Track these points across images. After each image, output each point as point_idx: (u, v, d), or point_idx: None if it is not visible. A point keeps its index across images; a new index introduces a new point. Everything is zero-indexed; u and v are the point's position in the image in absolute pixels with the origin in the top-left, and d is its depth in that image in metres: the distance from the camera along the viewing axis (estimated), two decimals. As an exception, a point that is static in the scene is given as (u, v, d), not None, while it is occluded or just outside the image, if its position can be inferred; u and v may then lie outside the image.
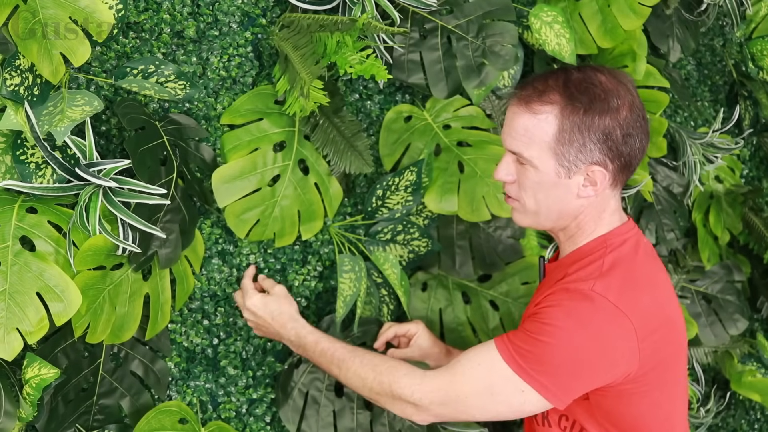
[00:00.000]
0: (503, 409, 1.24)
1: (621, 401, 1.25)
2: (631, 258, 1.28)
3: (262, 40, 1.45)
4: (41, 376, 1.15)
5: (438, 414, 1.27)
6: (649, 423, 1.27)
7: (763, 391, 2.01)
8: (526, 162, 1.25)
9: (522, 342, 1.21)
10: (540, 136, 1.22)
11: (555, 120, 1.22)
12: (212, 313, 1.43)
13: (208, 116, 1.41)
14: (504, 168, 1.30)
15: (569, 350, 1.18)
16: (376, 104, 1.59)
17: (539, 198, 1.27)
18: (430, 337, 1.53)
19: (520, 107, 1.25)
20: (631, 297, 1.22)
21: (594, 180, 1.24)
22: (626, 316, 1.19)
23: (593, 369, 1.20)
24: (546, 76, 1.26)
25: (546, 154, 1.23)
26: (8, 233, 1.12)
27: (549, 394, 1.19)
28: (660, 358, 1.24)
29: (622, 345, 1.20)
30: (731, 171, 2.11)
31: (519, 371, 1.19)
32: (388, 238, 1.56)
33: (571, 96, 1.22)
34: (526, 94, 1.25)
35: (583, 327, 1.19)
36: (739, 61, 2.13)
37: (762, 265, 2.12)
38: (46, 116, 1.17)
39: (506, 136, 1.28)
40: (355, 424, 1.46)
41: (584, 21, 1.68)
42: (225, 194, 1.38)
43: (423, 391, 1.26)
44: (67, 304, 1.12)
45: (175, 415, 1.33)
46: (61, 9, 1.16)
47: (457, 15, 1.55)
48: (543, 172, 1.24)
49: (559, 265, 1.33)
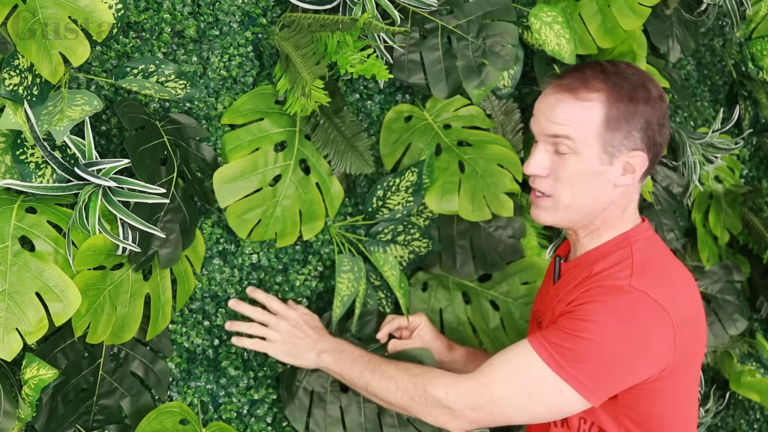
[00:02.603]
0: (541, 410, 1.21)
1: (649, 399, 1.23)
2: (659, 254, 1.29)
3: (262, 39, 1.45)
4: (40, 376, 1.15)
5: (473, 419, 1.23)
6: (672, 422, 1.26)
7: (762, 391, 2.02)
8: (568, 150, 1.23)
9: (561, 340, 1.18)
10: (588, 123, 1.23)
11: (602, 107, 1.23)
12: (213, 314, 1.43)
13: (208, 116, 1.41)
14: (538, 161, 1.26)
15: (611, 346, 1.16)
16: (376, 104, 1.59)
17: (577, 190, 1.25)
18: (432, 330, 1.53)
19: (564, 95, 1.24)
20: (668, 292, 1.21)
21: (633, 167, 1.25)
22: (665, 310, 1.18)
23: (633, 365, 1.18)
24: (580, 67, 1.28)
25: (593, 140, 1.23)
26: (8, 233, 1.12)
27: (588, 393, 1.17)
28: (689, 355, 1.24)
29: (662, 340, 1.18)
30: (731, 171, 2.11)
31: (558, 370, 1.17)
32: (388, 239, 1.56)
33: (615, 84, 1.23)
34: (567, 82, 1.25)
35: (624, 322, 1.17)
36: (739, 61, 2.14)
37: (761, 265, 2.13)
38: (45, 116, 1.16)
39: (547, 123, 1.25)
40: (363, 418, 1.45)
41: (584, 21, 1.68)
42: (226, 194, 1.38)
43: (458, 392, 1.23)
44: (66, 304, 1.11)
45: (176, 415, 1.33)
46: (60, 9, 1.15)
47: (457, 15, 1.55)
48: (586, 158, 1.23)
49: (579, 263, 1.31)
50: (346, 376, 1.36)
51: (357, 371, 1.34)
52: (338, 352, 1.38)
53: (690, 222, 1.98)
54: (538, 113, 1.29)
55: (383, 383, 1.30)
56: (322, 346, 1.39)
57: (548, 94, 1.28)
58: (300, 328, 1.41)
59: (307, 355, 1.39)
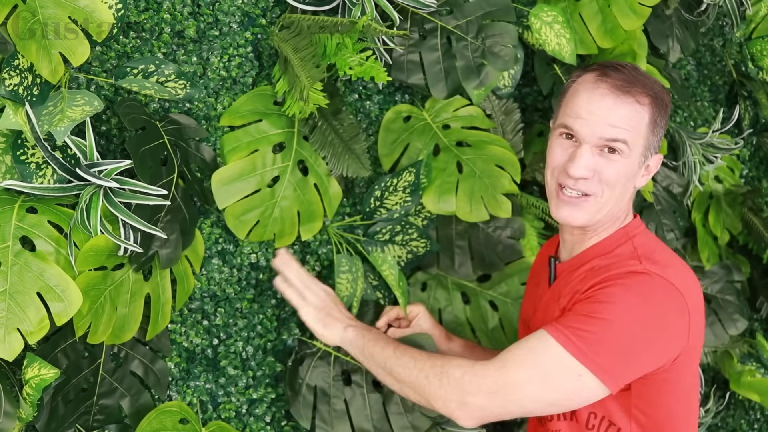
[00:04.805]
0: (557, 396, 1.18)
1: (659, 391, 1.23)
2: (658, 245, 1.30)
3: (262, 40, 1.45)
4: (41, 376, 1.15)
5: (485, 406, 1.19)
6: (677, 416, 1.27)
7: (762, 391, 2.01)
8: (621, 151, 1.22)
9: (579, 323, 1.16)
10: (641, 125, 1.24)
11: (650, 109, 1.24)
12: (212, 314, 1.43)
13: (208, 116, 1.41)
14: (587, 164, 1.23)
15: (630, 327, 1.15)
16: (375, 104, 1.59)
17: (615, 191, 1.25)
18: (430, 319, 1.54)
19: (622, 96, 1.22)
20: (679, 276, 1.22)
21: (651, 169, 1.29)
22: (681, 293, 1.19)
23: (651, 348, 1.17)
24: (617, 66, 1.26)
25: (641, 143, 1.25)
26: (8, 233, 1.12)
27: (606, 377, 1.15)
28: (697, 341, 1.24)
29: (678, 322, 1.18)
30: (731, 171, 2.11)
31: (577, 353, 1.15)
32: (386, 239, 1.56)
33: (654, 86, 1.26)
34: (619, 83, 1.22)
35: (644, 302, 1.16)
36: (739, 61, 2.13)
37: (761, 265, 2.12)
38: (46, 116, 1.16)
39: (605, 127, 1.22)
40: (368, 409, 1.45)
41: (584, 21, 1.68)
42: (225, 196, 1.38)
43: (474, 373, 1.20)
44: (67, 304, 1.12)
45: (176, 415, 1.33)
46: (60, 9, 1.16)
47: (456, 15, 1.55)
48: (631, 161, 1.24)
49: (579, 261, 1.31)
50: (367, 351, 1.34)
51: (379, 346, 1.33)
52: (365, 329, 1.39)
53: (690, 222, 1.98)
54: (590, 115, 1.23)
55: (402, 359, 1.29)
56: (351, 322, 1.40)
57: (603, 95, 1.22)
58: (337, 305, 1.43)
59: (335, 325, 1.39)
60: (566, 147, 1.27)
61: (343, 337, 1.38)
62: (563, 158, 1.26)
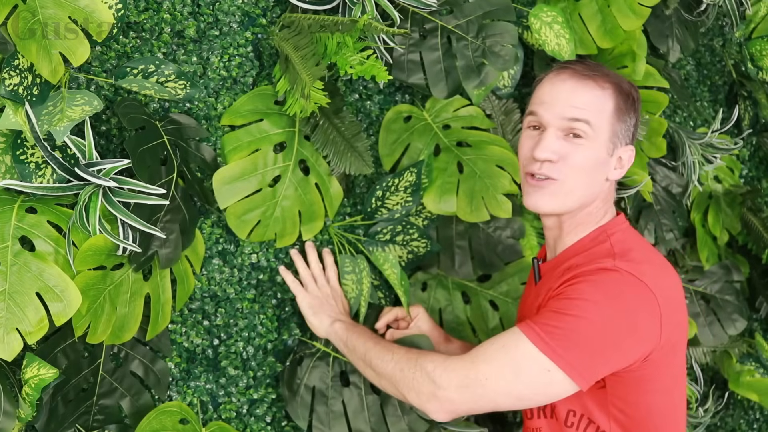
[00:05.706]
0: (527, 392, 1.20)
1: (636, 388, 1.23)
2: (638, 242, 1.30)
3: (262, 40, 1.45)
4: (40, 376, 1.15)
5: (456, 400, 1.21)
6: (660, 411, 1.26)
7: (761, 390, 2.02)
8: (584, 134, 1.25)
9: (548, 320, 1.18)
10: (604, 109, 1.26)
11: (613, 96, 1.27)
12: (212, 314, 1.43)
13: (208, 116, 1.41)
14: (551, 146, 1.25)
15: (598, 324, 1.16)
16: (375, 104, 1.59)
17: (582, 177, 1.26)
18: (429, 320, 1.54)
19: (584, 80, 1.26)
20: (653, 275, 1.21)
21: (623, 162, 1.30)
22: (652, 291, 1.19)
23: (620, 344, 1.18)
24: (578, 60, 1.33)
25: (605, 127, 1.26)
26: (8, 233, 1.12)
27: (575, 373, 1.16)
28: (674, 341, 1.24)
29: (648, 320, 1.19)
30: (730, 171, 2.12)
31: (545, 348, 1.16)
32: (387, 239, 1.56)
33: (616, 78, 1.29)
34: (581, 70, 1.27)
35: (612, 300, 1.17)
36: (739, 61, 2.14)
37: (760, 265, 2.13)
38: (45, 116, 1.16)
39: (566, 107, 1.25)
40: (365, 410, 1.45)
41: (584, 21, 1.68)
42: (226, 195, 1.38)
43: (445, 367, 1.22)
44: (66, 304, 1.12)
45: (176, 415, 1.33)
46: (60, 9, 1.16)
47: (457, 15, 1.55)
48: (597, 146, 1.26)
49: (559, 261, 1.32)
50: (349, 344, 1.38)
51: (361, 340, 1.37)
52: (353, 325, 1.42)
53: (689, 222, 1.99)
54: (552, 99, 1.27)
55: (381, 352, 1.32)
56: (341, 318, 1.44)
57: (564, 80, 1.27)
58: (337, 301, 1.48)
59: (323, 318, 1.43)
60: (533, 136, 1.30)
61: (329, 329, 1.42)
62: (530, 146, 1.29)
